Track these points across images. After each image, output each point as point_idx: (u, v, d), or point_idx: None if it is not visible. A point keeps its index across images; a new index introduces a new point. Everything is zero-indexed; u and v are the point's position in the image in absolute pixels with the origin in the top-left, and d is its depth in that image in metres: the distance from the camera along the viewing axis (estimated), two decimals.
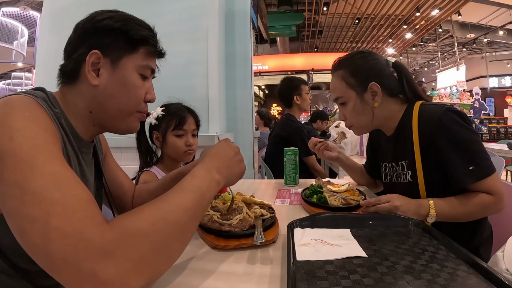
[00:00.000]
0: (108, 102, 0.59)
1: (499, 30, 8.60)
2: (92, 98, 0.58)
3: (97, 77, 0.57)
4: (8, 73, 10.30)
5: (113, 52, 0.58)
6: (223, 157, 0.58)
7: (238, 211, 0.69)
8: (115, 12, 0.61)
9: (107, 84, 0.58)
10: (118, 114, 0.61)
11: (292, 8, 7.86)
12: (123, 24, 0.59)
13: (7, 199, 0.40)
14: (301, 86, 2.09)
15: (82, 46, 0.57)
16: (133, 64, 0.60)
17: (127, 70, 0.59)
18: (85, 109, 0.59)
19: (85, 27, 0.58)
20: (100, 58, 0.57)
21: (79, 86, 0.58)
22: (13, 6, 6.66)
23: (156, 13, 1.67)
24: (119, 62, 0.58)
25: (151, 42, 0.62)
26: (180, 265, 0.57)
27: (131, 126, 0.64)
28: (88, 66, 0.56)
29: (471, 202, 0.79)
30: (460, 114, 0.81)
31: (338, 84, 0.94)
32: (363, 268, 0.49)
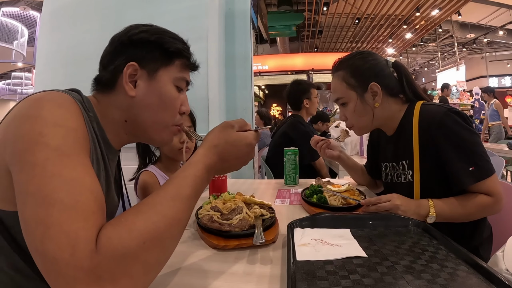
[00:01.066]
0: (144, 113, 0.59)
1: (499, 30, 8.61)
2: (128, 108, 0.59)
3: (134, 88, 0.58)
4: (8, 73, 10.30)
5: (150, 64, 0.59)
6: (231, 160, 0.54)
7: (238, 211, 0.69)
8: (149, 25, 0.62)
9: (144, 96, 0.59)
10: (154, 125, 0.61)
11: (292, 8, 7.86)
12: (158, 37, 0.60)
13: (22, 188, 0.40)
14: (311, 90, 2.09)
15: (119, 58, 0.58)
16: (169, 76, 0.60)
17: (164, 82, 0.60)
18: (120, 118, 0.60)
19: (122, 40, 0.60)
20: (137, 70, 0.58)
21: (115, 95, 0.59)
22: (13, 6, 6.66)
23: (156, 13, 1.67)
24: (155, 74, 0.59)
25: (185, 54, 0.63)
26: (180, 265, 0.57)
27: (165, 138, 0.64)
28: (125, 77, 0.57)
29: (471, 203, 0.79)
30: (461, 115, 0.82)
31: (339, 85, 0.95)
32: (363, 268, 0.49)
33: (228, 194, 0.78)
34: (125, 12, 1.70)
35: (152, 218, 0.41)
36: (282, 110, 13.30)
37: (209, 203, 0.76)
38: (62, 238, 0.36)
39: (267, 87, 13.08)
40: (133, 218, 0.41)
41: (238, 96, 2.00)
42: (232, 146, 0.53)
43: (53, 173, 0.40)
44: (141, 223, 0.40)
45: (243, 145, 0.54)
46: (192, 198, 0.47)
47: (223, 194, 0.78)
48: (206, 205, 0.75)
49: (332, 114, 4.52)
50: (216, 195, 0.82)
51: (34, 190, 0.39)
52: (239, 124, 0.56)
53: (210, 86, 1.63)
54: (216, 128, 0.55)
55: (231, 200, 0.75)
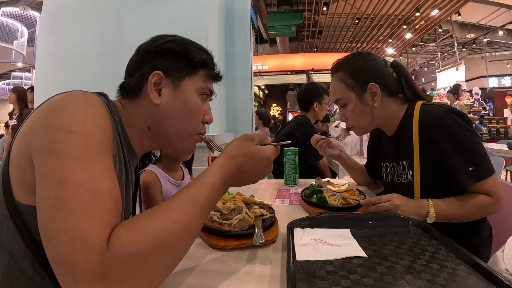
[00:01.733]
0: (168, 121, 0.60)
1: (499, 30, 8.61)
2: (152, 116, 0.60)
3: (158, 96, 0.59)
4: (8, 73, 10.30)
5: (175, 74, 0.60)
6: (248, 173, 0.55)
7: (238, 211, 0.69)
8: (175, 36, 0.64)
9: (169, 104, 0.60)
10: (177, 133, 0.62)
11: (292, 8, 7.85)
12: (184, 48, 0.62)
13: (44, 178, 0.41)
14: (324, 95, 2.12)
15: (145, 67, 0.60)
16: (193, 86, 0.62)
17: (188, 91, 0.61)
18: (144, 125, 0.61)
19: (147, 49, 0.61)
20: (162, 79, 0.59)
21: (140, 102, 0.60)
22: (13, 6, 6.65)
23: (156, 13, 1.67)
24: (180, 83, 0.61)
25: (209, 65, 0.65)
26: (180, 265, 0.57)
27: (188, 147, 0.65)
28: (150, 85, 0.58)
29: (470, 203, 0.79)
30: (461, 115, 0.82)
31: (338, 86, 0.95)
32: (363, 268, 0.49)
33: (228, 194, 0.78)
34: (125, 12, 1.70)
35: (164, 223, 0.42)
36: (282, 110, 13.30)
37: None
38: (76, 232, 0.37)
39: (267, 87, 13.08)
40: (145, 222, 0.41)
41: (237, 96, 2.00)
42: (250, 159, 0.53)
43: (76, 169, 0.41)
44: (153, 227, 0.41)
45: (262, 158, 0.54)
46: (206, 207, 0.47)
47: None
48: None
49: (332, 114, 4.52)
50: None
51: (55, 184, 0.40)
52: (258, 138, 0.56)
53: None
54: (236, 140, 0.56)
55: (231, 200, 0.75)
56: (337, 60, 0.98)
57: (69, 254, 0.37)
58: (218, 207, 0.71)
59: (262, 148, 0.55)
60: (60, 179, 0.40)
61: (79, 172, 0.41)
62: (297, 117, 2.19)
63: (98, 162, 0.44)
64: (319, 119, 2.18)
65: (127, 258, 0.38)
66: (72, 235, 0.37)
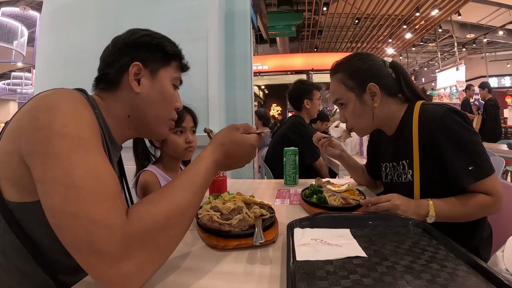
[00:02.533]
0: (148, 108, 0.66)
1: (499, 30, 8.61)
2: (132, 104, 0.65)
3: (138, 85, 0.64)
4: (8, 73, 10.30)
5: (152, 65, 0.66)
6: (235, 158, 0.60)
7: (238, 211, 0.69)
8: (149, 30, 0.69)
9: (148, 92, 0.65)
10: (156, 119, 0.68)
11: (292, 8, 7.85)
12: (160, 41, 0.67)
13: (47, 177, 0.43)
14: (313, 91, 2.10)
15: (124, 58, 0.64)
16: (168, 76, 0.68)
17: (164, 80, 0.68)
18: (124, 114, 0.66)
19: (126, 42, 0.66)
20: (141, 70, 0.64)
21: (120, 92, 0.65)
22: (13, 6, 6.65)
23: (156, 13, 1.67)
24: (157, 74, 0.67)
25: (181, 57, 0.72)
26: (180, 265, 0.57)
27: (162, 132, 0.71)
28: (131, 76, 0.63)
29: (470, 202, 0.79)
30: (461, 115, 0.82)
31: (337, 87, 0.95)
32: (363, 268, 0.49)
33: (228, 194, 0.78)
34: (125, 12, 1.70)
35: (174, 200, 0.49)
36: (282, 110, 13.30)
37: (209, 203, 0.76)
38: (94, 215, 0.41)
39: (267, 87, 13.07)
40: (157, 200, 0.48)
41: (237, 96, 2.00)
42: (237, 145, 0.59)
43: (78, 161, 0.44)
44: (165, 203, 0.48)
45: (247, 145, 0.60)
46: (203, 187, 0.54)
47: (223, 194, 0.78)
48: (206, 205, 0.75)
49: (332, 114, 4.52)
50: (216, 195, 0.82)
51: (61, 177, 0.43)
52: (243, 127, 0.61)
53: (210, 86, 1.62)
54: (224, 129, 0.62)
55: (231, 200, 0.75)
56: (336, 62, 0.99)
57: (91, 235, 0.40)
58: (218, 207, 0.71)
59: (247, 136, 0.61)
60: (64, 174, 0.43)
61: (81, 163, 0.44)
62: (291, 118, 2.19)
63: (95, 151, 0.47)
64: (313, 116, 2.17)
65: (147, 228, 0.44)
66: (90, 218, 0.41)
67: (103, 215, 0.41)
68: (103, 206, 0.42)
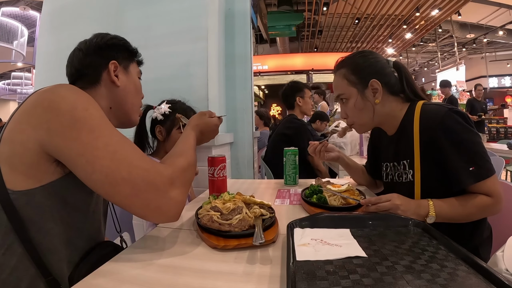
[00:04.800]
0: (127, 98, 0.78)
1: (499, 30, 8.61)
2: (114, 97, 0.76)
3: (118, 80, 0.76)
4: (8, 73, 10.29)
5: (124, 62, 0.79)
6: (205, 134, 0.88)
7: (238, 211, 0.69)
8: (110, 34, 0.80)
9: (126, 85, 0.78)
10: (132, 107, 0.81)
11: (292, 8, 7.85)
12: (124, 42, 0.81)
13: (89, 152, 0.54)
14: (304, 90, 2.18)
15: (101, 58, 0.74)
16: (135, 70, 0.83)
17: (134, 74, 0.82)
18: (106, 106, 0.75)
19: (99, 45, 0.76)
20: (117, 67, 0.76)
21: (101, 88, 0.74)
22: (13, 6, 6.65)
23: (156, 13, 1.67)
24: (128, 69, 0.80)
25: (138, 54, 0.85)
26: (180, 265, 0.57)
27: (136, 118, 0.84)
28: (111, 73, 0.74)
29: (470, 203, 0.79)
30: (462, 115, 0.82)
31: (340, 82, 0.96)
32: (363, 268, 0.49)
33: (228, 194, 0.78)
34: (125, 12, 1.70)
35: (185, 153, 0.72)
36: (282, 110, 13.29)
37: (209, 203, 0.76)
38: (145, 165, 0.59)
39: (267, 87, 13.06)
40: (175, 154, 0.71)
41: (237, 96, 2.00)
42: (207, 126, 0.87)
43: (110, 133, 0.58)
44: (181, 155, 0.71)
45: (213, 125, 0.88)
46: (194, 149, 0.76)
47: (223, 194, 0.78)
48: (206, 205, 0.75)
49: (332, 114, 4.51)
50: (216, 195, 0.82)
51: (103, 146, 0.56)
52: (208, 113, 0.89)
53: (210, 86, 1.62)
54: (196, 115, 0.88)
55: (231, 200, 0.74)
56: (340, 58, 1.00)
57: (148, 178, 0.58)
58: (218, 207, 0.71)
59: (212, 119, 0.88)
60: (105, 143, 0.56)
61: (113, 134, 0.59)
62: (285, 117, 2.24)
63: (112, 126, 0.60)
64: (306, 113, 2.23)
65: (180, 169, 0.66)
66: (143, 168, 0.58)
67: (150, 164, 0.60)
68: (146, 159, 0.60)
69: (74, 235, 0.64)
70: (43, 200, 0.57)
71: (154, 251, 0.63)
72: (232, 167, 1.97)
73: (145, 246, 0.66)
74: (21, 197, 0.55)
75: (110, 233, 0.89)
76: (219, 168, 1.01)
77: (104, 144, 0.55)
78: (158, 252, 0.63)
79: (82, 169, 0.55)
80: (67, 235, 0.62)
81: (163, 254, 0.62)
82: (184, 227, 0.78)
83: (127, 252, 0.63)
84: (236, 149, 1.98)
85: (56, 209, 0.59)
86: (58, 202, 0.60)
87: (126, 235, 1.22)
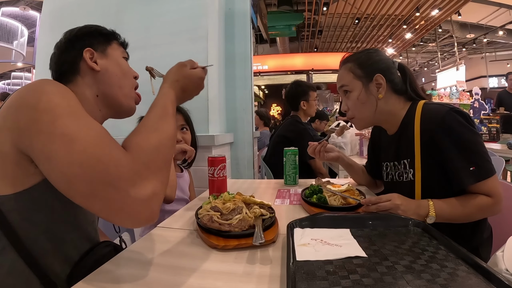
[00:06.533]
0: (111, 80, 0.73)
1: (499, 30, 8.61)
2: (97, 83, 0.72)
3: (97, 65, 0.71)
4: (8, 73, 10.29)
5: (99, 46, 0.74)
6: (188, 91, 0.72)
7: (238, 211, 0.69)
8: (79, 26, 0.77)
9: (107, 68, 0.73)
10: (120, 89, 0.74)
11: (292, 8, 7.84)
12: (95, 27, 0.77)
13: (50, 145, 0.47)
14: (309, 92, 2.11)
15: (74, 51, 0.71)
16: (116, 52, 0.76)
17: (116, 56, 0.76)
18: (92, 95, 0.72)
19: (69, 39, 0.74)
20: (93, 53, 0.72)
21: (83, 78, 0.71)
22: (13, 6, 6.65)
23: (156, 13, 1.67)
24: (106, 52, 0.74)
25: (116, 36, 0.79)
26: (180, 265, 0.57)
27: (131, 105, 0.77)
28: (87, 60, 0.70)
29: (470, 203, 0.79)
30: (463, 115, 0.82)
31: (345, 75, 0.97)
32: (363, 268, 0.49)
33: (228, 194, 0.78)
34: (125, 12, 1.70)
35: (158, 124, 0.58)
36: (282, 110, 13.28)
37: (209, 203, 0.76)
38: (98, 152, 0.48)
39: (267, 87, 13.06)
40: (142, 128, 0.57)
41: (238, 96, 2.00)
42: (189, 80, 0.71)
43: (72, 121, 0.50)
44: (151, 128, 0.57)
45: (196, 78, 0.72)
46: (172, 116, 0.63)
47: (222, 194, 0.78)
48: (206, 205, 0.75)
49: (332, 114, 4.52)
50: (216, 195, 0.82)
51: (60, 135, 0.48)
52: (189, 63, 0.73)
53: (210, 86, 1.62)
54: (173, 67, 0.72)
55: (231, 200, 0.74)
56: (347, 54, 1.02)
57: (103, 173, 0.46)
58: (218, 207, 0.71)
59: (194, 70, 0.72)
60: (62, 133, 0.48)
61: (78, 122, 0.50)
62: (288, 118, 2.21)
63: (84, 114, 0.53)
64: (311, 115, 2.19)
65: (145, 149, 0.52)
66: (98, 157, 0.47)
67: (107, 152, 0.48)
68: (105, 148, 0.49)
69: (67, 236, 0.62)
70: (29, 204, 0.55)
71: (154, 251, 0.63)
72: (232, 167, 1.97)
73: (145, 246, 0.66)
74: (7, 201, 0.53)
75: (110, 233, 0.89)
76: (219, 168, 1.01)
77: (61, 134, 0.47)
78: (158, 252, 0.63)
79: (44, 167, 0.49)
80: (59, 237, 0.60)
81: (163, 254, 0.62)
82: (184, 227, 0.78)
83: (127, 252, 0.63)
84: (236, 149, 1.98)
85: (44, 212, 0.57)
86: (45, 205, 0.57)
87: (126, 235, 1.22)
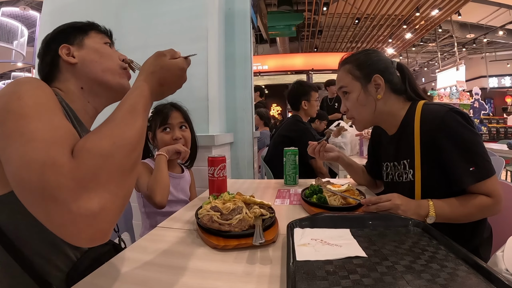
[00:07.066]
0: (92, 67, 0.73)
1: (499, 30, 8.60)
2: (78, 75, 0.72)
3: (74, 58, 0.73)
4: (8, 73, 10.29)
5: (75, 40, 0.75)
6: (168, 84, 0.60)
7: (238, 211, 0.69)
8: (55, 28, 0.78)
9: (84, 57, 0.73)
10: (103, 73, 0.74)
11: (292, 8, 7.84)
12: (70, 24, 0.78)
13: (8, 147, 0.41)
14: (311, 93, 2.12)
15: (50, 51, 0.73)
16: (94, 41, 0.77)
17: (94, 43, 0.76)
18: (77, 88, 0.72)
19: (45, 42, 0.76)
20: (69, 48, 0.73)
21: (63, 74, 0.73)
22: (13, 6, 6.65)
23: (156, 13, 1.67)
24: (83, 44, 0.75)
25: (95, 25, 0.80)
26: (180, 265, 0.57)
27: (120, 82, 0.77)
28: (63, 56, 0.72)
29: (470, 203, 0.79)
30: (462, 115, 0.82)
31: (344, 76, 0.97)
32: (363, 268, 0.49)
33: (228, 194, 0.78)
34: (125, 12, 1.70)
35: (117, 126, 0.47)
36: (282, 110, 13.28)
37: (209, 203, 0.76)
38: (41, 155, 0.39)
39: (267, 87, 13.04)
40: (99, 129, 0.46)
41: (238, 96, 2.00)
42: (167, 71, 0.59)
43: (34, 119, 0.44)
44: (108, 130, 0.45)
45: (177, 69, 0.60)
46: (143, 113, 0.52)
47: (223, 194, 0.78)
48: (206, 205, 0.75)
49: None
50: (216, 195, 0.82)
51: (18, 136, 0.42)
52: (169, 53, 0.61)
53: (210, 86, 1.62)
54: (151, 57, 0.61)
55: (231, 200, 0.75)
56: (345, 55, 1.02)
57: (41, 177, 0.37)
58: (218, 207, 0.71)
59: (175, 60, 0.60)
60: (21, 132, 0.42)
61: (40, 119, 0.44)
62: (289, 118, 2.22)
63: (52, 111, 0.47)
64: (311, 115, 2.20)
65: (93, 154, 0.41)
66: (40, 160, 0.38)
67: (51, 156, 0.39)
68: (54, 151, 0.40)
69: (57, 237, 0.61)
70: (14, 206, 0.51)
71: (154, 251, 0.63)
72: (232, 167, 1.97)
73: (145, 246, 0.66)
74: None
75: None
76: (219, 168, 1.01)
77: (20, 134, 0.41)
78: (158, 252, 0.62)
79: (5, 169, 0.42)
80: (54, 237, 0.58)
81: (163, 254, 0.62)
82: (184, 227, 0.78)
83: (127, 252, 0.63)
84: (236, 149, 1.98)
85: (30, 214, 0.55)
86: None
87: (126, 235, 1.22)
